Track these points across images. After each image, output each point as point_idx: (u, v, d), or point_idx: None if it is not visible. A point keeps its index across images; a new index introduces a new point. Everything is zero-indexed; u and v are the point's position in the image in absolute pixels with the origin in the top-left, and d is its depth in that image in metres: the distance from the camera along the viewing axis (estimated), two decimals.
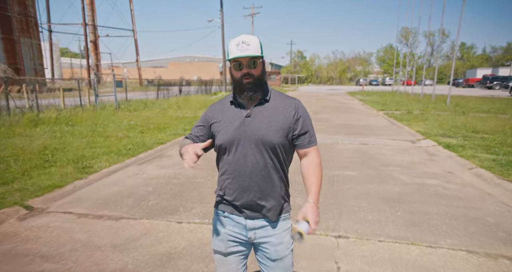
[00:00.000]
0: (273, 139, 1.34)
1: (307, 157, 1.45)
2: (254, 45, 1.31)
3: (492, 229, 3.12)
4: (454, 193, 4.16)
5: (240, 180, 1.38)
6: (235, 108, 1.41)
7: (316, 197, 1.40)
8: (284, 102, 1.42)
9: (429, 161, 5.79)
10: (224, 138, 1.38)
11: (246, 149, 1.35)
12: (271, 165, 1.37)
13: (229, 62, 1.36)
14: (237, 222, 1.43)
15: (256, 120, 1.36)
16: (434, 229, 3.16)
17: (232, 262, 1.47)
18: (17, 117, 8.55)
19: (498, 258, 2.63)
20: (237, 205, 1.41)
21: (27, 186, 4.13)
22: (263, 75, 1.39)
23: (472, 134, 7.80)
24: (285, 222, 1.46)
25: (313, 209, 1.37)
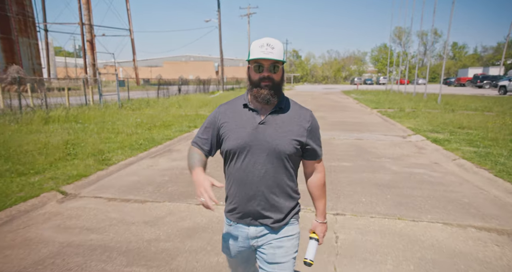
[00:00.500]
0: (285, 149, 1.32)
1: (315, 173, 1.48)
2: (278, 49, 1.29)
3: (465, 207, 3.67)
4: (437, 180, 4.71)
5: (246, 188, 1.35)
6: (248, 112, 1.37)
7: (323, 215, 1.50)
8: (298, 112, 1.41)
9: (417, 153, 6.35)
10: (234, 143, 1.34)
11: (256, 157, 1.32)
12: (280, 175, 1.35)
13: (249, 62, 1.34)
14: (241, 231, 1.43)
15: (270, 128, 1.33)
16: (418, 207, 3.70)
17: (241, 263, 1.52)
18: (29, 115, 8.95)
19: (467, 227, 3.18)
20: (242, 213, 1.39)
21: (57, 175, 4.59)
22: (282, 81, 1.36)
23: (458, 129, 8.39)
24: (291, 227, 1.44)
25: (321, 226, 1.49)
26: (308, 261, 1.41)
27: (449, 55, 69.24)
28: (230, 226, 1.45)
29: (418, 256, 2.69)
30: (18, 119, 8.47)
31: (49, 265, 2.56)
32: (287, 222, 1.42)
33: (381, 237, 3.04)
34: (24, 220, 3.35)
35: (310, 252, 1.44)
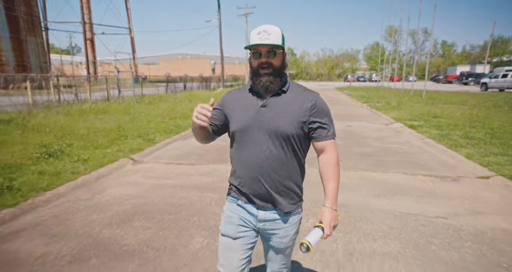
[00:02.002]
0: (287, 130, 1.33)
1: (324, 154, 1.43)
2: (275, 35, 1.30)
3: (420, 166, 5.28)
4: (406, 151, 6.31)
5: (251, 170, 1.37)
6: (252, 96, 1.41)
7: (332, 201, 1.38)
8: (302, 94, 1.41)
9: (395, 135, 7.97)
10: (238, 125, 1.39)
11: (259, 139, 1.35)
12: (284, 156, 1.36)
13: (249, 50, 1.36)
14: (249, 211, 1.44)
15: (271, 110, 1.35)
16: (388, 166, 5.28)
17: (238, 248, 1.44)
18: (66, 108, 10.35)
19: (417, 175, 4.78)
20: (249, 194, 1.41)
21: (121, 149, 6.09)
22: (283, 66, 1.37)
23: (432, 118, 10.05)
24: (295, 216, 1.47)
25: (330, 213, 1.36)
26: (306, 243, 1.24)
27: (439, 53, 71.45)
28: (238, 205, 1.46)
29: (383, 187, 4.28)
30: (59, 111, 9.87)
31: (153, 192, 4.09)
32: (294, 209, 1.44)
33: (361, 180, 4.61)
34: (118, 173, 4.87)
35: (312, 236, 1.28)
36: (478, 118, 9.66)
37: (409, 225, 3.18)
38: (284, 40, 1.36)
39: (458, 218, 3.33)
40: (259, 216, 1.42)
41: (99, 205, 3.67)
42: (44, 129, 7.17)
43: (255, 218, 1.43)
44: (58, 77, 10.61)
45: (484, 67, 41.12)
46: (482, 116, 10.07)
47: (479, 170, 4.90)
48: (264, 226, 1.44)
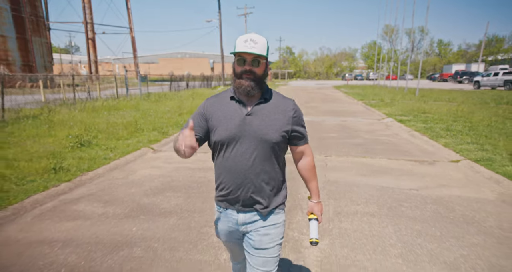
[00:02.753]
0: (272, 138, 1.39)
1: (304, 158, 1.57)
2: (261, 45, 1.35)
3: (403, 153, 6.10)
4: (393, 142, 7.13)
5: (235, 176, 1.41)
6: (235, 104, 1.42)
7: (317, 195, 1.59)
8: (282, 102, 1.48)
9: (385, 129, 8.78)
10: (224, 134, 1.39)
11: (245, 147, 1.39)
12: (268, 162, 1.42)
13: (234, 56, 1.39)
14: (230, 217, 1.49)
15: (257, 118, 1.40)
16: (375, 153, 6.09)
17: (236, 245, 1.62)
18: (81, 105, 11.11)
19: (400, 160, 5.60)
20: (231, 199, 1.46)
21: (140, 140, 6.87)
22: (264, 75, 1.42)
23: (421, 114, 10.87)
24: (277, 216, 1.51)
25: (318, 206, 1.58)
26: (314, 240, 1.44)
27: (435, 52, 72.38)
28: (220, 213, 1.53)
29: (369, 169, 5.08)
30: (75, 108, 10.63)
31: (176, 173, 4.88)
32: (274, 210, 1.49)
33: (351, 164, 5.42)
34: (143, 159, 5.66)
35: (313, 231, 1.47)
36: (462, 113, 10.48)
37: (387, 194, 3.99)
38: (268, 51, 1.43)
39: (426, 189, 4.14)
40: (239, 220, 1.47)
41: (134, 182, 4.46)
42: (68, 123, 7.93)
43: (236, 223, 1.49)
44: (73, 76, 11.35)
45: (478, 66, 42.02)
46: (467, 111, 10.90)
47: (452, 155, 5.72)
48: (246, 229, 1.49)
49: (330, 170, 5.06)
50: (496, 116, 9.82)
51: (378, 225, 3.18)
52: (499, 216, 3.33)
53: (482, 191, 4.06)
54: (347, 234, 3.00)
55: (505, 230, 3.02)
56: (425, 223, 3.20)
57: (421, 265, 2.49)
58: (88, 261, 2.55)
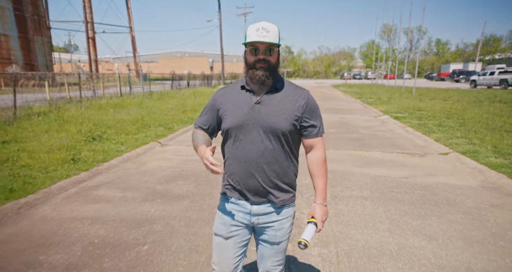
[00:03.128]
0: (281, 126, 1.36)
1: (314, 151, 1.49)
2: (273, 33, 1.33)
3: (397, 147, 6.48)
4: (388, 137, 7.51)
5: (246, 165, 1.39)
6: (245, 93, 1.42)
7: (323, 197, 1.46)
8: (294, 91, 1.45)
9: (381, 125, 9.17)
10: (232, 122, 1.40)
11: (254, 135, 1.37)
12: (279, 152, 1.40)
13: (245, 46, 1.38)
14: (242, 207, 1.46)
15: (266, 107, 1.38)
16: (371, 147, 6.47)
17: (231, 246, 1.48)
18: (87, 103, 11.45)
19: (393, 152, 5.98)
20: (243, 190, 1.43)
21: (148, 135, 7.23)
22: (277, 64, 1.41)
23: (415, 111, 11.27)
24: (290, 209, 1.50)
25: (321, 209, 1.44)
26: (304, 241, 1.31)
27: (433, 51, 72.85)
28: (231, 203, 1.48)
29: (364, 160, 5.46)
30: (82, 106, 10.98)
31: (184, 164, 5.25)
32: (288, 202, 1.47)
33: (348, 156, 5.80)
34: (152, 152, 6.03)
35: (307, 234, 1.35)
36: (455, 111, 10.88)
37: (379, 182, 4.37)
38: (280, 38, 1.40)
39: (415, 178, 4.52)
40: (253, 210, 1.44)
41: (147, 172, 4.83)
42: (77, 120, 8.29)
43: (248, 213, 1.45)
44: (79, 75, 11.70)
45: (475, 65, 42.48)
46: (460, 109, 11.30)
47: (442, 148, 6.11)
48: (258, 220, 1.46)
49: (328, 161, 5.37)
50: (487, 113, 10.22)
51: (370, 206, 3.56)
52: (477, 199, 3.72)
53: (465, 179, 4.45)
54: (342, 214, 3.38)
55: (481, 210, 3.41)
56: (412, 205, 3.58)
57: (405, 237, 2.87)
58: (116, 234, 2.92)
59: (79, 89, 11.82)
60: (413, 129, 8.13)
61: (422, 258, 2.53)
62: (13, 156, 4.98)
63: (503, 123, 8.24)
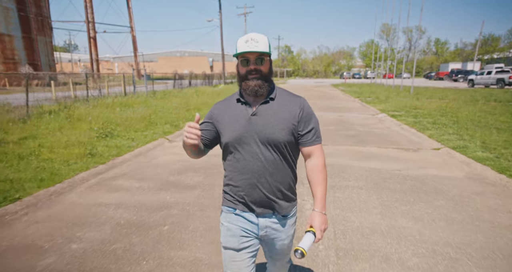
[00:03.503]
0: (279, 137, 1.37)
1: (312, 159, 1.48)
2: (263, 43, 1.34)
3: (392, 143, 6.87)
4: (384, 133, 7.89)
5: (249, 177, 1.39)
6: (241, 105, 1.43)
7: (322, 205, 1.43)
8: (289, 100, 1.45)
9: (378, 123, 9.55)
10: (230, 136, 1.40)
11: (253, 147, 1.38)
12: (279, 161, 1.40)
13: (237, 58, 1.39)
14: (248, 220, 1.45)
15: (262, 118, 1.38)
16: (367, 143, 6.85)
17: (243, 258, 1.47)
18: (95, 102, 11.82)
19: (388, 148, 6.36)
20: (248, 202, 1.43)
21: (155, 132, 7.60)
22: (270, 73, 1.42)
23: (412, 109, 11.65)
24: (293, 217, 1.54)
25: (319, 217, 1.40)
26: (301, 249, 1.27)
27: (432, 50, 73.22)
28: (236, 215, 1.47)
29: (361, 155, 5.84)
30: (89, 105, 11.34)
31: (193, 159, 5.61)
32: (291, 210, 1.50)
33: (345, 151, 6.17)
34: (161, 147, 6.41)
35: (305, 242, 1.31)
36: (450, 109, 11.26)
37: (374, 173, 4.75)
38: (270, 48, 1.40)
39: (408, 170, 4.90)
40: (260, 224, 1.45)
41: (159, 165, 5.21)
42: (87, 118, 8.65)
43: (256, 226, 1.45)
44: (86, 75, 12.06)
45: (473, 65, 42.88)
46: (455, 107, 11.68)
47: (435, 144, 6.49)
48: (266, 233, 1.47)
49: (326, 156, 5.76)
50: (481, 111, 10.60)
51: (364, 194, 3.94)
52: (462, 188, 4.10)
53: (453, 171, 4.83)
54: (339, 201, 3.76)
55: (463, 197, 3.79)
56: (403, 193, 3.96)
57: (394, 219, 3.25)
58: (139, 217, 3.30)
59: (86, 89, 12.17)
60: (408, 126, 8.52)
61: (408, 236, 2.91)
62: (34, 151, 5.35)
63: (494, 121, 8.62)
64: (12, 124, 7.38)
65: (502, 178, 4.34)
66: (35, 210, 3.43)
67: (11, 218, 3.21)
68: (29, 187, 3.83)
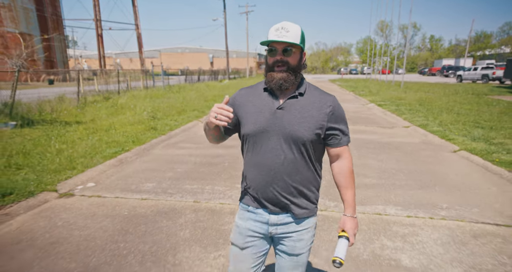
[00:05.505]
0: (304, 135, 1.29)
1: (339, 161, 1.42)
2: (294, 33, 1.26)
3: (375, 122, 8.89)
4: (370, 117, 9.90)
5: (265, 174, 1.33)
6: (267, 96, 1.35)
7: (352, 209, 1.39)
8: (319, 97, 1.36)
9: (367, 110, 11.56)
10: (252, 127, 1.33)
11: (274, 142, 1.31)
12: (300, 162, 1.33)
13: (266, 47, 1.32)
14: (260, 217, 1.41)
15: (288, 113, 1.30)
16: (357, 123, 8.85)
17: (247, 258, 1.44)
18: (124, 94, 13.74)
19: (371, 126, 8.38)
20: (261, 199, 1.38)
21: (188, 116, 9.55)
22: (299, 66, 1.32)
23: (397, 100, 13.67)
24: (310, 219, 1.43)
25: (351, 222, 1.38)
26: (338, 259, 1.25)
27: (427, 47, 75.23)
28: (248, 212, 1.44)
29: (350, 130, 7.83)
30: (120, 97, 13.27)
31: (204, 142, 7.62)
32: (308, 214, 1.40)
33: None
34: (198, 126, 8.39)
35: (340, 250, 1.28)
36: (429, 100, 13.29)
37: (359, 141, 6.74)
38: (304, 40, 1.32)
39: (382, 139, 6.90)
40: (270, 220, 1.39)
41: (202, 136, 7.18)
42: (129, 106, 10.60)
43: (266, 223, 1.40)
44: (118, 71, 13.98)
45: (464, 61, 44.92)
46: (433, 98, 13.71)
47: (406, 124, 8.51)
48: (276, 230, 1.41)
49: None
50: (453, 102, 12.64)
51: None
52: (414, 147, 6.13)
53: (413, 139, 6.85)
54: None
55: (413, 151, 5.81)
56: (374, 149, 5.97)
57: (366, 161, 5.25)
58: (205, 159, 5.29)
59: (117, 83, 14.09)
60: (390, 112, 10.54)
61: (372, 167, 4.91)
62: (110, 126, 7.32)
63: (459, 108, 10.65)
64: (75, 110, 9.34)
65: (442, 141, 6.37)
66: (142, 156, 5.42)
67: (131, 160, 5.21)
68: (128, 145, 5.82)
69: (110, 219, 3.16)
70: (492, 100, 13.59)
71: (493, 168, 4.61)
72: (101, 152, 5.31)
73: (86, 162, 4.74)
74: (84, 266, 2.41)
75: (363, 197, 3.75)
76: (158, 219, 3.17)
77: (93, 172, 4.45)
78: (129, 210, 3.38)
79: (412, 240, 2.80)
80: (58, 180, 4.02)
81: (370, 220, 3.19)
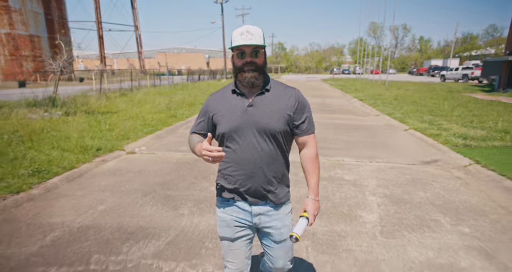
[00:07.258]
0: (275, 127, 1.41)
1: (305, 148, 1.54)
2: (258, 35, 1.37)
3: (353, 113, 10.77)
4: (351, 110, 11.77)
5: (244, 167, 1.44)
6: (237, 97, 1.46)
7: (315, 192, 1.49)
8: (284, 91, 1.49)
9: (349, 104, 13.46)
10: (227, 126, 1.43)
11: (249, 138, 1.41)
12: (275, 152, 1.45)
13: (232, 50, 1.41)
14: (242, 209, 1.51)
15: (258, 109, 1.42)
16: (338, 113, 10.71)
17: (239, 246, 1.55)
18: (137, 91, 15.46)
19: (349, 115, 10.26)
20: (242, 192, 1.48)
21: (198, 108, 11.33)
22: (264, 64, 1.45)
23: (376, 96, 15.60)
24: (287, 206, 1.58)
25: (313, 204, 1.48)
26: (295, 235, 1.37)
27: (417, 47, 77.73)
28: (230, 205, 1.52)
29: (331, 118, 9.71)
30: (134, 93, 14.99)
31: None
32: (286, 199, 1.54)
33: (322, 116, 10.02)
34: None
35: (298, 228, 1.41)
36: (403, 96, 15.23)
37: (336, 123, 8.58)
38: (265, 40, 1.43)
39: (356, 123, 8.76)
40: (253, 211, 1.50)
41: None
42: (145, 100, 12.35)
43: (249, 213, 1.50)
44: (131, 72, 15.71)
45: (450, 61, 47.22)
46: (408, 95, 15.66)
47: (378, 113, 10.39)
48: (260, 220, 1.51)
49: None
50: (425, 97, 14.59)
51: (328, 131, 7.78)
52: (378, 128, 8.00)
53: (379, 123, 8.73)
54: None
55: (377, 131, 7.68)
56: (348, 130, 7.81)
57: (339, 137, 7.09)
58: None
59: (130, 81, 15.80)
60: (368, 105, 12.44)
61: (343, 140, 6.74)
62: (137, 115, 9.06)
63: (427, 102, 12.59)
64: (103, 103, 11.07)
65: (399, 124, 8.28)
66: (171, 133, 7.20)
67: (164, 135, 6.99)
68: (159, 126, 7.60)
69: (166, 164, 4.95)
70: (459, 96, 15.59)
71: (425, 138, 6.51)
72: (141, 130, 7.09)
73: (134, 136, 6.52)
74: (163, 180, 4.22)
75: (331, 154, 5.58)
76: (198, 164, 4.97)
77: (142, 142, 6.23)
78: (177, 160, 5.18)
79: (354, 170, 4.65)
80: (122, 145, 5.79)
81: (331, 163, 5.03)
